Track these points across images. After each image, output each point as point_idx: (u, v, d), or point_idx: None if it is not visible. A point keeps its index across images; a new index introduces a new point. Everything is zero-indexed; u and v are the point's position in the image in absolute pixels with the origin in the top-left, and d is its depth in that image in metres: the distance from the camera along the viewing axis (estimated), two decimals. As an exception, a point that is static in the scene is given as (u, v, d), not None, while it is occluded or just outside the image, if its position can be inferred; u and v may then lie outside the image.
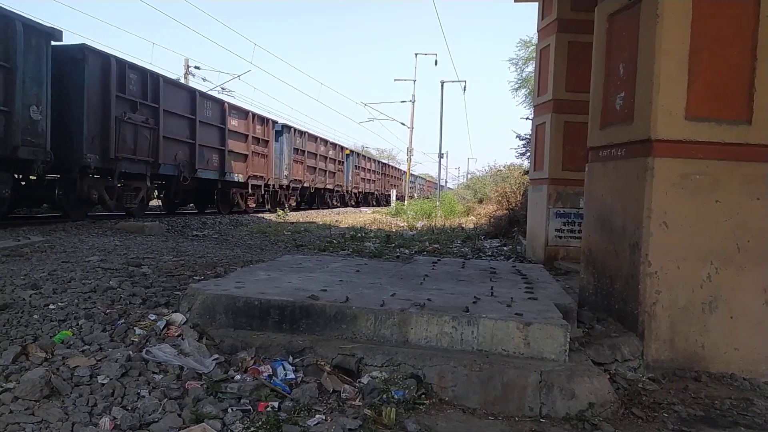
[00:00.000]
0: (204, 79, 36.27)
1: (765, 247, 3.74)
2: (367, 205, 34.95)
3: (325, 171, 25.87)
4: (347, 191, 30.28)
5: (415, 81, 35.46)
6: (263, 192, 18.77)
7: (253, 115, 17.64)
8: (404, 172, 46.17)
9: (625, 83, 4.14)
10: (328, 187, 26.43)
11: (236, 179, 16.42)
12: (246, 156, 17.04)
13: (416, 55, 37.77)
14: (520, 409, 2.91)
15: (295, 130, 22.06)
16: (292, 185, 21.83)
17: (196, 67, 29.41)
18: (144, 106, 11.85)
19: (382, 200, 39.68)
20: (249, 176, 17.24)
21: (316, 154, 24.42)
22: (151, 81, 12.11)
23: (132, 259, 5.77)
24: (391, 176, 44.81)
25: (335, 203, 28.54)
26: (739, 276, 3.74)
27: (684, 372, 3.67)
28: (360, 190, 33.25)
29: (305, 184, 23.39)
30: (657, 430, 2.84)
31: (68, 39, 10.68)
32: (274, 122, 19.67)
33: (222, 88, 27.60)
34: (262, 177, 18.27)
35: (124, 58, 11.51)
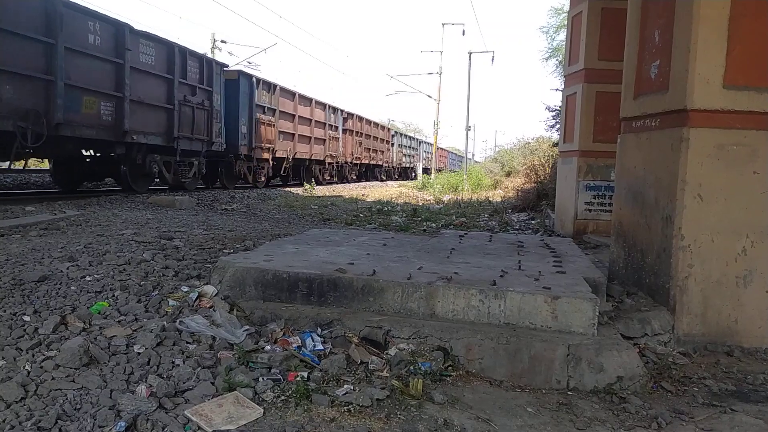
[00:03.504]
0: (230, 53, 36.20)
1: (805, 220, 3.62)
2: (299, 182, 20.49)
3: (167, 111, 11.55)
4: (247, 154, 16.20)
5: (442, 52, 34.89)
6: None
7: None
8: (394, 133, 35.21)
9: (660, 51, 4.00)
10: (154, 142, 11.18)
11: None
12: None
13: (443, 25, 37.05)
14: (548, 382, 2.92)
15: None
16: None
17: (222, 41, 29.45)
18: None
19: (349, 174, 25.60)
20: None
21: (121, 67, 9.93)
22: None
23: (164, 232, 5.90)
24: (364, 135, 27.56)
25: (168, 180, 12.50)
26: (776, 250, 3.63)
27: (716, 346, 3.62)
28: (281, 153, 18.38)
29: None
30: (687, 404, 2.82)
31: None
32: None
33: (248, 62, 27.62)
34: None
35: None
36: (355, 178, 27.12)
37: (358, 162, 27.24)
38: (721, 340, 3.66)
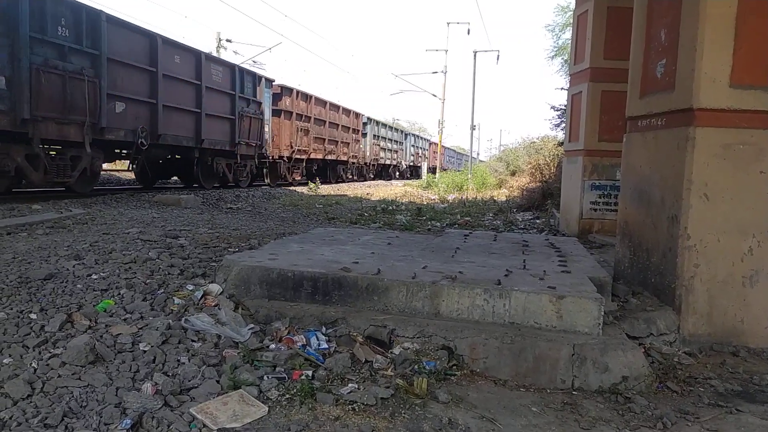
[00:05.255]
0: (236, 52, 36.09)
1: (812, 220, 3.60)
2: (199, 184, 14.44)
3: None
4: (14, 131, 8.19)
5: (447, 51, 34.87)
6: None
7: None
8: (366, 120, 27.74)
9: (666, 49, 3.98)
10: None
11: None
12: None
13: (448, 24, 37.14)
14: (552, 382, 2.91)
15: None
16: None
17: (228, 40, 29.51)
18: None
19: (289, 173, 18.91)
20: None
21: None
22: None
23: (169, 231, 5.91)
24: (313, 120, 20.38)
25: None
26: (783, 249, 3.61)
27: (721, 347, 3.60)
28: (119, 134, 10.29)
29: None
30: (692, 405, 2.81)
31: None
32: None
33: (254, 61, 27.68)
34: None
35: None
36: (300, 178, 19.65)
37: (305, 156, 19.73)
38: (726, 340, 3.64)
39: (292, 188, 17.47)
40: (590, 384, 2.89)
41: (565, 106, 10.24)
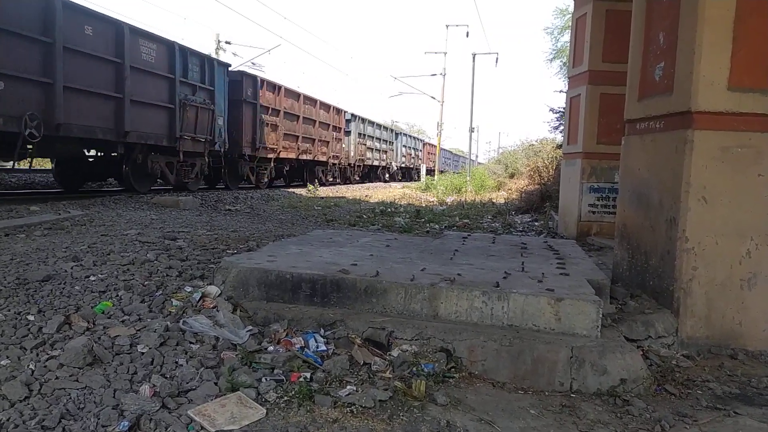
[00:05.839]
0: (235, 54, 35.96)
1: (810, 223, 3.61)
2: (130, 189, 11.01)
3: None
4: None
5: (446, 54, 34.86)
6: None
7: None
8: (350, 117, 24.70)
9: (665, 52, 3.99)
10: None
11: None
12: None
13: (447, 26, 37.19)
14: (551, 384, 2.91)
15: None
16: None
17: (227, 42, 29.51)
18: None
19: (259, 176, 17.10)
20: None
21: None
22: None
23: (168, 232, 5.91)
24: (283, 115, 17.55)
25: None
26: (781, 252, 3.62)
27: (720, 349, 3.61)
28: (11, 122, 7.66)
29: None
30: (690, 408, 2.81)
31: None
32: None
33: (252, 63, 27.66)
34: None
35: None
36: (267, 180, 17.84)
37: (273, 155, 17.34)
38: (725, 342, 3.65)
39: (290, 190, 17.40)
40: (588, 386, 2.89)
41: (564, 108, 10.25)
